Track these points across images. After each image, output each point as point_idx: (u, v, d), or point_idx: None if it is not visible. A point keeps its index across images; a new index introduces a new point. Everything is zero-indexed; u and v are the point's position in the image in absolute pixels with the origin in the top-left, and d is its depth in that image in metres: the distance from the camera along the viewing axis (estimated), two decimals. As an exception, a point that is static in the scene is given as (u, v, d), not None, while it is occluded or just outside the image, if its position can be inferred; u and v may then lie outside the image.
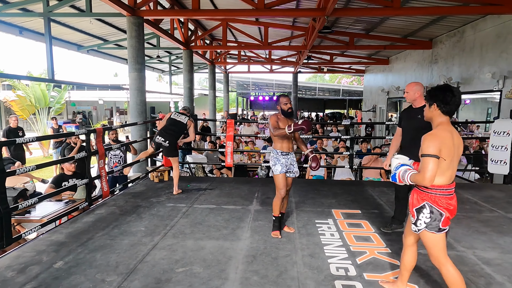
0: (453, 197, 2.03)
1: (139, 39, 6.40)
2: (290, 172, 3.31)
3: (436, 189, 1.98)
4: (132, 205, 4.18)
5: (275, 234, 3.25)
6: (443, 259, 2.02)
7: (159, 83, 32.77)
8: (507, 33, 6.03)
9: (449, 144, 1.94)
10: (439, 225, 1.98)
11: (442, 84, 2.15)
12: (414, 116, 3.16)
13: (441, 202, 1.98)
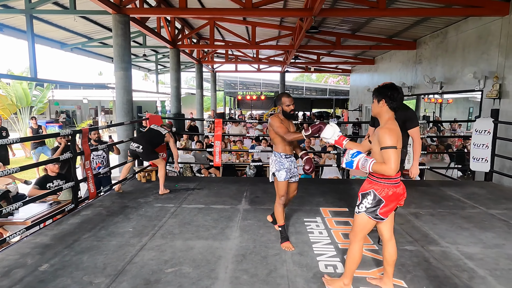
0: (398, 186, 2.19)
1: (125, 37, 6.31)
2: (294, 176, 3.12)
3: (385, 178, 2.15)
4: (119, 205, 4.13)
5: (286, 246, 2.96)
6: (358, 238, 2.26)
7: (145, 82, 32.34)
8: (487, 35, 6.21)
9: (400, 137, 2.16)
10: (377, 212, 2.17)
11: (388, 82, 2.28)
12: None
13: (385, 190, 2.15)
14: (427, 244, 3.09)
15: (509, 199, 4.56)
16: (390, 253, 2.30)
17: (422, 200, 4.45)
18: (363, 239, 2.29)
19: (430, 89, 8.41)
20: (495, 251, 2.95)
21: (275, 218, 3.15)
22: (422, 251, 2.95)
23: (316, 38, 10.48)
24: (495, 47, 5.96)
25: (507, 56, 5.64)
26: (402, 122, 2.96)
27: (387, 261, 2.31)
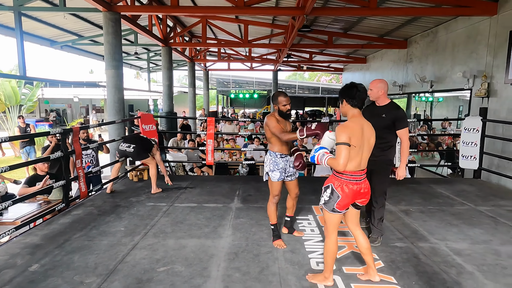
0: (358, 183, 2.28)
1: (116, 35, 6.25)
2: (291, 176, 3.05)
3: (343, 173, 2.25)
4: (110, 205, 4.10)
5: (278, 244, 2.98)
6: (330, 232, 2.35)
7: (137, 80, 32.09)
8: (476, 34, 6.30)
9: (358, 134, 2.23)
10: (334, 206, 2.27)
11: (349, 83, 2.38)
12: (378, 114, 3.04)
13: (343, 186, 2.24)
14: (416, 241, 3.14)
15: (497, 196, 4.65)
16: (362, 243, 2.41)
17: (413, 198, 4.52)
18: (335, 232, 2.35)
19: (421, 88, 8.50)
20: (482, 247, 3.01)
21: (269, 216, 3.13)
22: (411, 248, 3.00)
23: (308, 37, 10.51)
24: (484, 46, 6.05)
25: (495, 56, 5.73)
26: (392, 121, 2.99)
27: (362, 251, 2.43)
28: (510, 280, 2.47)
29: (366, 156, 2.31)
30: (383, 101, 3.10)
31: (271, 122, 2.91)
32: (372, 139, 2.34)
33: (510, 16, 5.40)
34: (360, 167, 2.28)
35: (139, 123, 5.39)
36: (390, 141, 3.05)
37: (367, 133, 2.29)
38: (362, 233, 2.45)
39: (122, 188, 4.91)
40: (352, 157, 2.22)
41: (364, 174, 2.32)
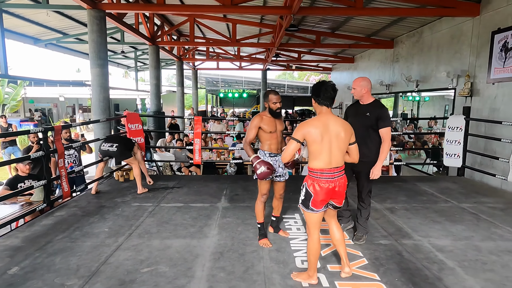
0: (332, 181, 2.27)
1: (101, 33, 6.15)
2: (280, 176, 3.04)
3: (313, 171, 2.27)
4: (95, 205, 4.04)
5: (264, 243, 2.98)
6: (311, 231, 2.37)
7: (125, 80, 31.69)
8: (460, 35, 6.42)
9: (318, 130, 2.22)
10: (309, 204, 2.29)
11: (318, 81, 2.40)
12: (362, 113, 3.04)
13: (314, 184, 2.25)
14: (400, 238, 3.18)
15: (479, 193, 4.75)
16: (334, 234, 2.48)
17: (398, 195, 4.58)
18: (316, 230, 2.38)
19: (407, 87, 8.62)
20: (464, 243, 3.07)
21: (256, 215, 3.11)
22: (395, 245, 3.03)
23: (296, 36, 10.55)
24: (467, 46, 6.17)
25: (478, 56, 5.85)
26: (376, 120, 2.98)
27: (334, 242, 2.49)
28: (489, 275, 2.52)
29: (337, 153, 2.26)
30: (367, 99, 3.08)
31: (251, 123, 2.93)
32: (343, 135, 2.26)
33: (492, 18, 5.52)
34: (331, 165, 2.25)
35: (125, 122, 5.32)
36: (374, 139, 3.02)
37: (334, 129, 2.25)
38: (337, 225, 2.50)
39: (107, 188, 4.84)
40: (317, 154, 2.25)
41: (338, 172, 2.29)
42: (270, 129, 2.91)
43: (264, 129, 2.90)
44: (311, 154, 2.29)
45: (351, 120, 2.96)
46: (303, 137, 2.26)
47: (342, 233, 2.50)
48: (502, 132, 4.99)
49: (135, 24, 9.24)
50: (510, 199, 4.52)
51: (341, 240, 2.47)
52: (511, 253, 2.86)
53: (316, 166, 2.26)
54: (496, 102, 5.36)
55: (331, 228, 2.51)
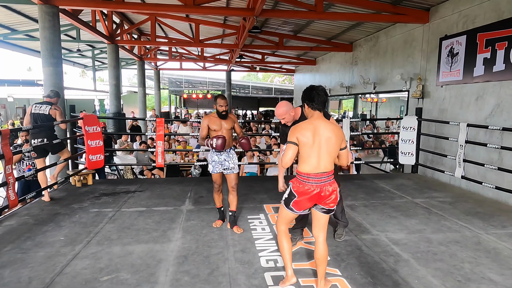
0: (319, 186, 2.22)
1: (54, 30, 5.80)
2: (227, 169, 3.37)
3: (300, 174, 2.28)
4: (49, 213, 3.81)
5: (215, 223, 3.49)
6: (280, 228, 2.42)
7: (83, 79, 30.16)
8: (412, 40, 6.83)
9: (308, 133, 2.22)
10: (290, 204, 2.31)
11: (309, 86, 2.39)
12: None
13: (299, 186, 2.26)
14: (360, 233, 3.32)
15: (431, 188, 5.09)
16: (318, 251, 2.32)
17: (357, 193, 4.77)
18: (285, 225, 2.41)
19: (365, 89, 9.02)
20: (417, 236, 3.27)
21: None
22: (355, 240, 3.17)
23: (260, 38, 10.64)
24: (418, 51, 6.58)
25: (428, 60, 6.26)
26: None
27: (316, 261, 2.35)
28: (439, 264, 2.71)
29: (326, 157, 2.23)
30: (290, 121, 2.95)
31: (202, 123, 3.39)
32: (334, 140, 2.24)
33: (439, 25, 5.94)
34: (319, 169, 2.22)
35: (82, 124, 5.06)
36: None
37: (324, 133, 2.22)
38: (324, 241, 2.34)
39: (63, 194, 4.58)
40: (306, 158, 2.22)
41: (327, 176, 2.24)
42: (216, 127, 3.32)
43: (211, 128, 3.33)
44: (301, 157, 2.26)
45: None
46: (297, 139, 2.23)
47: (326, 251, 2.33)
48: (450, 131, 5.38)
49: (92, 21, 8.83)
50: (457, 193, 4.88)
51: (324, 259, 2.32)
52: (458, 243, 3.10)
53: (303, 170, 2.24)
54: (444, 104, 5.77)
55: (317, 242, 2.33)
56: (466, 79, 5.21)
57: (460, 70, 5.32)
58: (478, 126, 4.76)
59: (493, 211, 4.05)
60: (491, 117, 4.79)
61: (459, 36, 5.37)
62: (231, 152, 3.42)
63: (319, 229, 2.35)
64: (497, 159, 4.66)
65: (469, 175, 4.84)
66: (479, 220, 3.72)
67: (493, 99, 4.76)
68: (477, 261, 2.76)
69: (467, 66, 5.18)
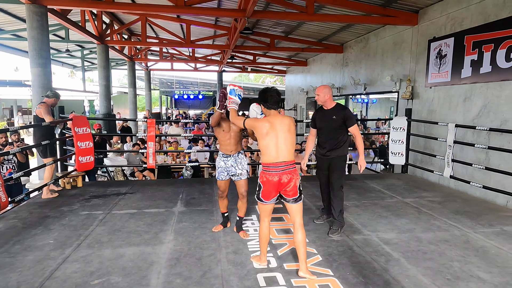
0: (278, 174, 2.50)
1: (42, 30, 5.71)
2: (234, 175, 3.21)
3: (264, 165, 2.54)
4: (38, 216, 3.75)
5: (215, 228, 3.42)
6: (260, 219, 2.68)
7: (72, 80, 29.73)
8: (401, 42, 6.93)
9: (264, 126, 2.52)
10: (259, 195, 2.58)
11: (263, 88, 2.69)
12: (328, 117, 3.37)
13: (263, 176, 2.53)
14: (351, 234, 3.35)
15: (421, 188, 5.16)
16: (296, 236, 2.56)
17: (349, 193, 4.81)
18: (266, 219, 2.63)
19: (356, 90, 9.10)
20: (407, 235, 3.31)
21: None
22: (347, 240, 3.19)
23: (251, 39, 10.65)
24: (408, 53, 6.67)
25: (417, 62, 6.36)
26: (343, 121, 3.32)
27: (295, 244, 2.58)
28: (429, 263, 2.75)
29: (284, 148, 2.52)
30: (330, 104, 3.41)
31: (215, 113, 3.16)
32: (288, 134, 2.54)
33: (428, 27, 6.03)
34: (278, 159, 2.50)
35: (71, 126, 4.99)
36: (342, 139, 3.40)
37: (280, 127, 2.52)
38: (301, 226, 2.56)
39: (52, 197, 4.50)
40: (265, 149, 2.52)
41: (286, 165, 2.51)
42: (225, 127, 3.17)
43: (220, 126, 3.17)
44: (261, 149, 2.57)
45: (320, 125, 3.45)
46: (249, 127, 2.65)
47: (304, 235, 2.55)
48: (439, 131, 5.47)
49: (81, 21, 8.73)
50: (446, 192, 4.97)
51: (302, 242, 2.53)
52: (447, 242, 3.15)
53: (264, 161, 2.54)
54: (433, 104, 5.86)
55: (295, 228, 2.58)
56: (454, 80, 5.31)
57: (448, 71, 5.42)
58: (466, 126, 4.84)
59: (480, 210, 4.13)
60: (479, 118, 4.88)
61: (447, 38, 5.46)
62: (239, 157, 3.24)
63: (293, 216, 2.61)
64: (484, 159, 4.76)
65: (458, 175, 4.92)
66: (467, 219, 3.79)
67: (480, 100, 4.86)
68: (466, 260, 2.82)
69: (455, 68, 5.27)
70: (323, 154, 3.46)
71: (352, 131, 3.38)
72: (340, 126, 3.35)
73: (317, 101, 3.45)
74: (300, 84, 14.50)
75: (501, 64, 4.46)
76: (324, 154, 3.45)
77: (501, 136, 4.48)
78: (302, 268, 2.52)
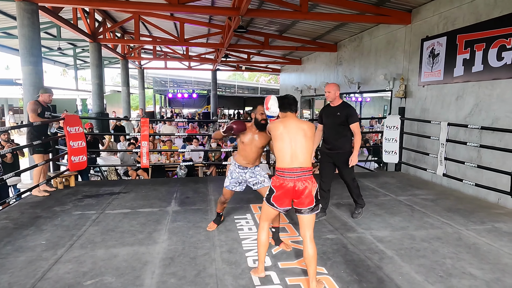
0: (293, 180, 2.35)
1: (33, 28, 5.64)
2: (256, 184, 3.04)
3: (278, 170, 2.42)
4: (29, 216, 3.70)
5: (209, 226, 3.40)
6: (261, 221, 2.54)
7: (64, 78, 29.41)
8: (394, 41, 6.97)
9: (279, 129, 2.44)
10: (270, 199, 2.44)
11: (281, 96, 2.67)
12: (334, 113, 3.61)
13: (276, 181, 2.40)
14: (345, 232, 3.37)
15: (414, 186, 5.20)
16: (306, 252, 2.35)
17: (343, 192, 4.80)
18: (266, 222, 2.52)
19: (350, 89, 9.14)
20: (400, 233, 3.34)
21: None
22: (341, 238, 3.20)
23: (245, 38, 10.64)
24: (401, 52, 6.72)
25: (410, 61, 6.40)
26: (346, 118, 3.52)
27: (305, 261, 2.37)
28: (422, 261, 2.77)
29: (299, 152, 2.37)
30: (337, 101, 3.65)
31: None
32: (300, 137, 2.40)
33: (421, 26, 6.07)
34: (292, 164, 2.36)
35: (64, 125, 4.93)
36: (346, 135, 3.64)
37: (294, 130, 2.43)
38: (311, 240, 2.36)
39: (42, 195, 4.45)
40: (278, 152, 2.42)
41: (301, 172, 2.34)
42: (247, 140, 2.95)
43: (242, 139, 2.97)
44: (275, 154, 2.46)
45: (326, 120, 3.72)
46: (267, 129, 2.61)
47: (315, 250, 2.34)
48: (432, 130, 5.52)
49: (73, 19, 8.63)
50: (439, 190, 5.01)
51: (313, 258, 2.32)
52: (440, 239, 3.18)
53: (279, 166, 2.41)
54: (426, 103, 5.91)
55: (305, 243, 2.36)
56: (446, 79, 5.35)
57: (441, 70, 5.46)
58: (458, 125, 4.89)
59: (473, 207, 4.17)
60: (471, 116, 4.93)
61: (439, 37, 5.50)
62: (256, 169, 3.07)
63: (304, 229, 2.41)
64: (476, 157, 4.81)
65: (450, 173, 4.97)
66: (459, 216, 3.83)
67: (472, 99, 4.90)
68: (458, 257, 2.84)
69: (448, 67, 5.32)
70: (328, 149, 3.72)
71: (352, 128, 3.56)
72: (343, 122, 3.57)
73: (326, 98, 3.67)
74: (294, 83, 14.52)
75: (493, 63, 4.51)
76: (329, 149, 3.71)
77: (493, 134, 4.53)
78: (312, 286, 2.31)
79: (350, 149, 3.64)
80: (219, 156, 8.09)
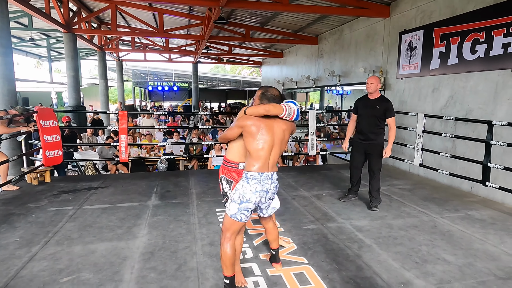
0: None
1: (2, 16, 5.35)
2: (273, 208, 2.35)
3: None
4: (1, 214, 3.56)
5: None
6: None
7: (38, 70, 28.31)
8: (374, 34, 7.05)
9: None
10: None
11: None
12: (372, 105, 3.75)
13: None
14: (326, 222, 3.42)
15: (392, 176, 5.33)
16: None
17: (324, 183, 4.90)
18: None
19: (331, 81, 9.21)
20: (379, 222, 3.42)
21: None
22: (321, 229, 3.25)
23: (226, 30, 10.51)
24: (380, 45, 6.81)
25: (389, 53, 6.50)
26: (384, 111, 3.71)
27: None
28: (399, 248, 2.85)
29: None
30: (376, 94, 3.80)
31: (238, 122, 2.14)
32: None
33: (399, 19, 6.17)
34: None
35: (37, 119, 4.75)
36: (381, 127, 3.80)
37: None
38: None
39: (17, 193, 4.30)
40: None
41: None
42: None
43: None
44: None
45: (362, 111, 3.85)
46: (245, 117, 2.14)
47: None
48: (409, 121, 5.65)
49: (46, 8, 8.26)
50: (416, 180, 5.16)
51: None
52: (416, 228, 3.28)
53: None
54: (404, 95, 6.03)
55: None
56: (423, 72, 5.48)
57: (418, 63, 5.58)
58: (434, 116, 5.03)
59: (447, 196, 4.32)
60: (446, 108, 5.08)
61: (417, 30, 5.61)
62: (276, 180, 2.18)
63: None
64: (451, 147, 4.97)
65: (427, 163, 5.12)
66: (435, 205, 3.96)
67: (448, 91, 5.04)
68: (433, 244, 2.94)
69: (424, 60, 5.44)
70: (362, 139, 3.87)
71: (389, 122, 3.76)
72: (380, 115, 3.73)
73: (367, 89, 3.77)
74: (276, 76, 14.52)
75: (467, 56, 4.64)
76: (362, 140, 3.86)
77: (466, 125, 4.69)
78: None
79: (383, 140, 3.83)
80: (201, 149, 8.02)
